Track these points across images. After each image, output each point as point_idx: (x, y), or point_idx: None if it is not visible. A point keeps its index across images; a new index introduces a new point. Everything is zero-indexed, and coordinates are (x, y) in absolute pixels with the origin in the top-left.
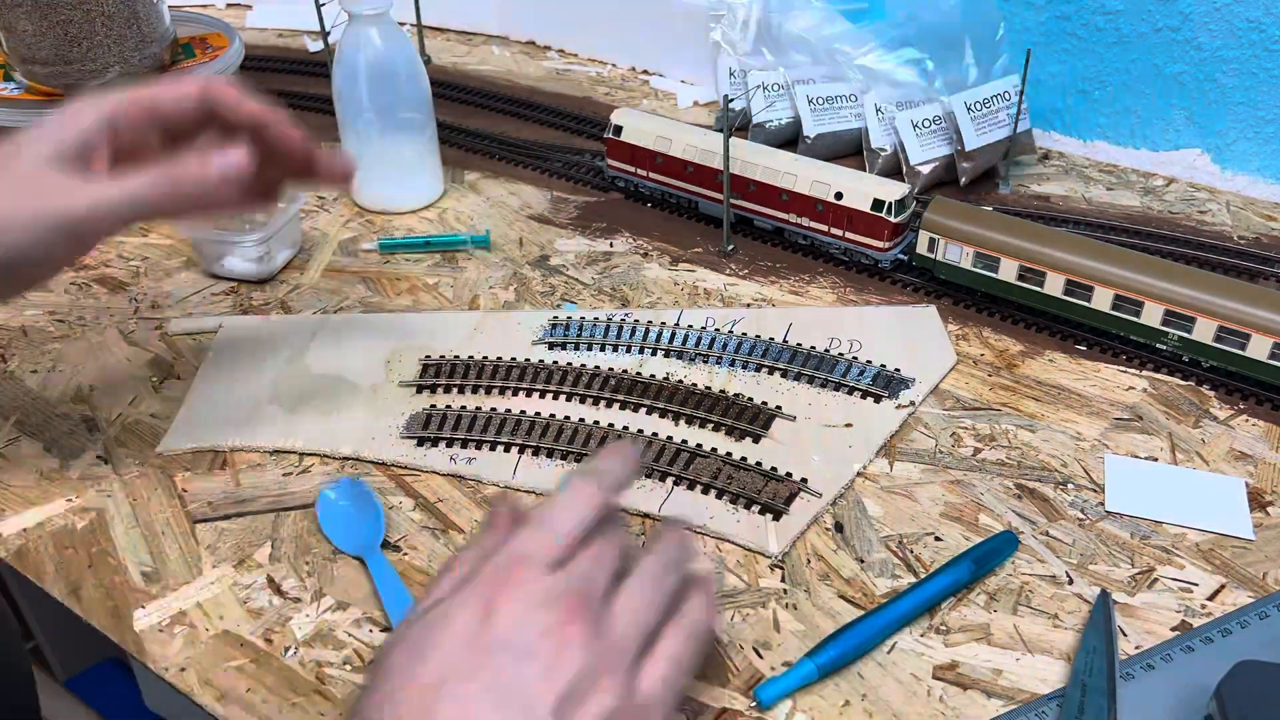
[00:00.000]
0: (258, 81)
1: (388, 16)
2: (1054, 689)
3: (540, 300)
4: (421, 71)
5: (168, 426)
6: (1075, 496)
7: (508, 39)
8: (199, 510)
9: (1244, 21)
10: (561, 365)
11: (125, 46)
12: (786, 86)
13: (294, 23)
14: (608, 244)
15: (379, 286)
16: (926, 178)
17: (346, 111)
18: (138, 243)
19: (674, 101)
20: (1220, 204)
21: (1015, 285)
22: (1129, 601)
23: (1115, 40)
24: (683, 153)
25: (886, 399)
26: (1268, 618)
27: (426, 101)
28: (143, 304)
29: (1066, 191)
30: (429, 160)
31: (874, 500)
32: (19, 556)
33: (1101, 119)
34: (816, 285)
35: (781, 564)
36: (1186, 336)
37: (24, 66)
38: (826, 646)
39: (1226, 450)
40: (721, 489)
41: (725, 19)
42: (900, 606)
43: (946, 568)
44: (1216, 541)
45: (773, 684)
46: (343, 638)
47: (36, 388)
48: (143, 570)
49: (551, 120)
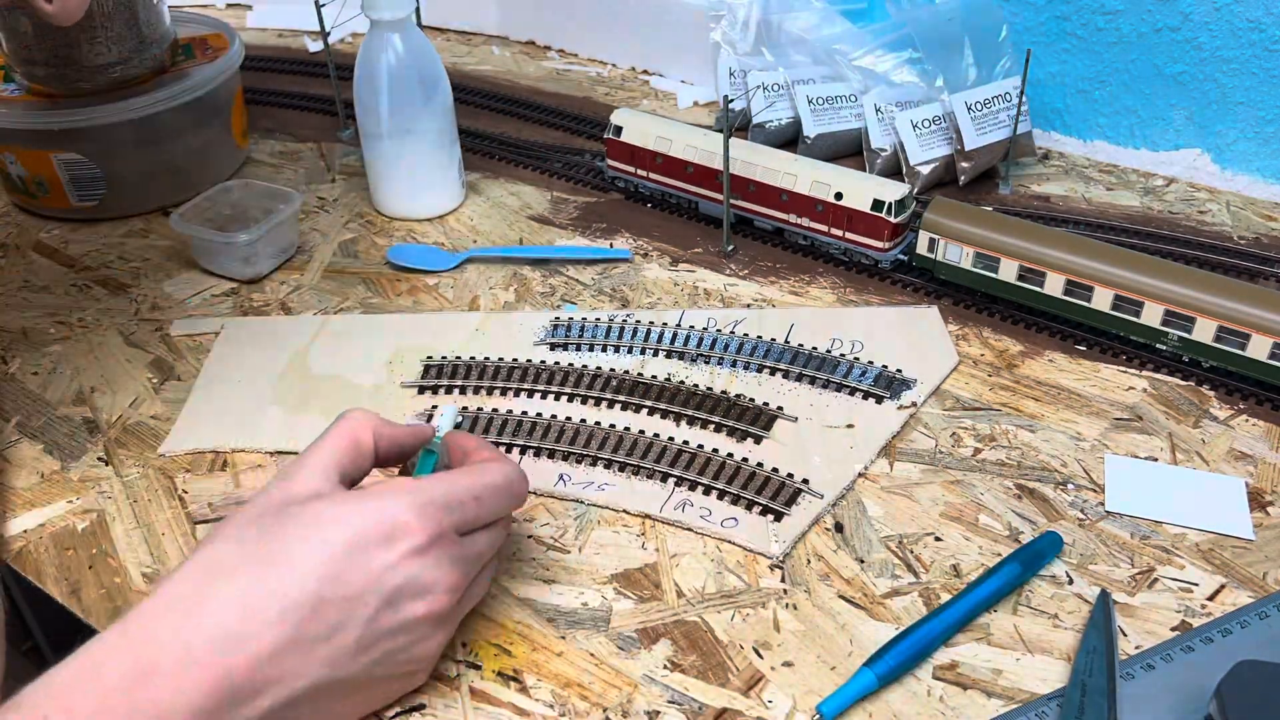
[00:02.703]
0: (258, 81)
1: (410, 21)
2: (1054, 689)
3: (541, 301)
4: (443, 77)
5: (168, 428)
6: (1075, 496)
7: (508, 39)
8: (200, 511)
9: (1244, 21)
10: (563, 366)
11: (125, 47)
12: (786, 86)
13: (294, 23)
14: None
15: (379, 287)
16: (926, 178)
17: (367, 118)
18: (138, 244)
19: (674, 101)
20: (1220, 204)
21: (1015, 285)
22: (1129, 601)
23: (1115, 40)
24: (683, 153)
25: (888, 400)
26: (1268, 618)
27: (449, 109)
28: (143, 305)
29: (1066, 191)
30: (451, 168)
31: (874, 500)
32: (19, 558)
33: (1101, 119)
34: (817, 285)
35: (781, 564)
36: (1186, 336)
37: (24, 68)
38: (885, 655)
39: (1226, 450)
40: (723, 490)
41: (725, 19)
42: (955, 612)
43: (995, 571)
44: (1216, 541)
45: (834, 697)
46: None
47: (37, 389)
48: (143, 571)
49: (551, 120)
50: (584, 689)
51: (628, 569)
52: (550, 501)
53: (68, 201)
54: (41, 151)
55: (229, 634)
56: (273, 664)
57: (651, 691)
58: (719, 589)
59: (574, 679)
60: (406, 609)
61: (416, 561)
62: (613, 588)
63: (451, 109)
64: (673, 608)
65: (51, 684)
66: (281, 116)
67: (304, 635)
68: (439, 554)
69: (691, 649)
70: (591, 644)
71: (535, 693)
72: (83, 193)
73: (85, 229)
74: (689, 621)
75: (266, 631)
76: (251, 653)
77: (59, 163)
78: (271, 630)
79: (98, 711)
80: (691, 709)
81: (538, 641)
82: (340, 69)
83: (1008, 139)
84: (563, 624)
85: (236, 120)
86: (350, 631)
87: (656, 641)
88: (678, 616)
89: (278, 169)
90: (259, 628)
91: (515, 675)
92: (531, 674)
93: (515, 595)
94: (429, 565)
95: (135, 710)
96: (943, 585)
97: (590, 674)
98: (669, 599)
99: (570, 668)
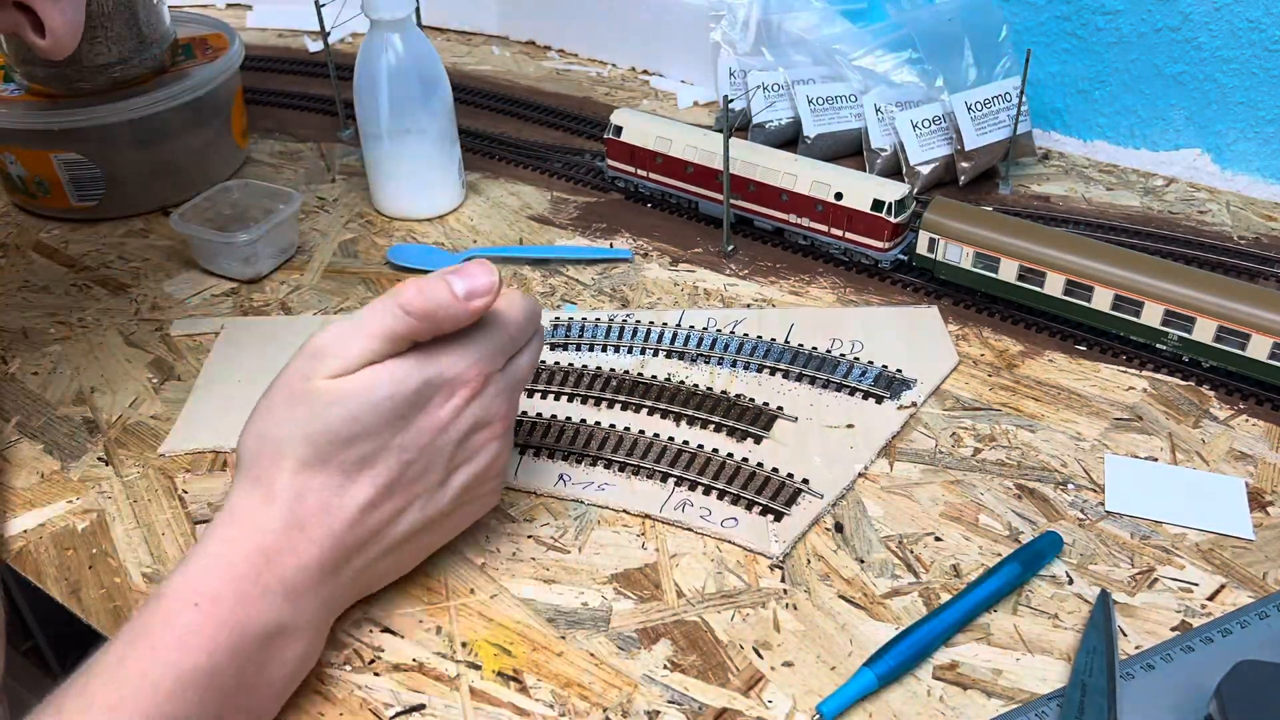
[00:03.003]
0: (258, 81)
1: (410, 21)
2: (1054, 689)
3: (541, 301)
4: (443, 77)
5: (168, 428)
6: (1075, 496)
7: (508, 39)
8: (199, 511)
9: (1244, 21)
10: (563, 366)
11: (125, 47)
12: (786, 86)
13: (294, 23)
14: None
15: (380, 287)
16: (926, 178)
17: (367, 118)
18: (139, 244)
19: (674, 101)
20: (1220, 204)
21: (1015, 285)
22: (1129, 601)
23: (1115, 40)
24: (683, 153)
25: (888, 400)
26: (1268, 618)
27: (449, 109)
28: (143, 305)
29: (1066, 191)
30: (451, 168)
31: (874, 500)
32: (19, 558)
33: (1101, 119)
34: (817, 285)
35: (781, 564)
36: (1186, 336)
37: (24, 68)
38: (885, 655)
39: (1226, 450)
40: (723, 490)
41: (725, 19)
42: (955, 612)
43: (995, 571)
44: (1216, 541)
45: (834, 697)
46: (343, 638)
47: (37, 389)
48: (143, 571)
49: (551, 120)
50: (584, 689)
51: (628, 569)
52: (550, 501)
53: (68, 201)
54: (41, 151)
55: (328, 506)
56: (372, 518)
57: (651, 691)
58: (719, 589)
59: (574, 679)
60: (474, 441)
61: (476, 404)
62: (613, 588)
63: (451, 109)
64: (673, 608)
65: (189, 574)
66: (281, 116)
67: (395, 488)
68: (492, 391)
69: (691, 649)
70: (591, 644)
71: (535, 693)
72: (83, 193)
73: (85, 229)
74: (689, 621)
75: (364, 492)
76: (351, 515)
77: (59, 163)
78: (366, 490)
79: (235, 595)
80: (691, 709)
81: (538, 641)
82: (340, 69)
83: (1008, 139)
84: (563, 624)
85: (236, 120)
86: (434, 474)
87: (656, 641)
88: (678, 616)
89: (278, 169)
90: (354, 492)
91: (515, 675)
92: (531, 674)
93: (515, 595)
94: (485, 402)
95: (267, 590)
96: (943, 585)
97: (590, 674)
98: (669, 599)
99: (570, 668)
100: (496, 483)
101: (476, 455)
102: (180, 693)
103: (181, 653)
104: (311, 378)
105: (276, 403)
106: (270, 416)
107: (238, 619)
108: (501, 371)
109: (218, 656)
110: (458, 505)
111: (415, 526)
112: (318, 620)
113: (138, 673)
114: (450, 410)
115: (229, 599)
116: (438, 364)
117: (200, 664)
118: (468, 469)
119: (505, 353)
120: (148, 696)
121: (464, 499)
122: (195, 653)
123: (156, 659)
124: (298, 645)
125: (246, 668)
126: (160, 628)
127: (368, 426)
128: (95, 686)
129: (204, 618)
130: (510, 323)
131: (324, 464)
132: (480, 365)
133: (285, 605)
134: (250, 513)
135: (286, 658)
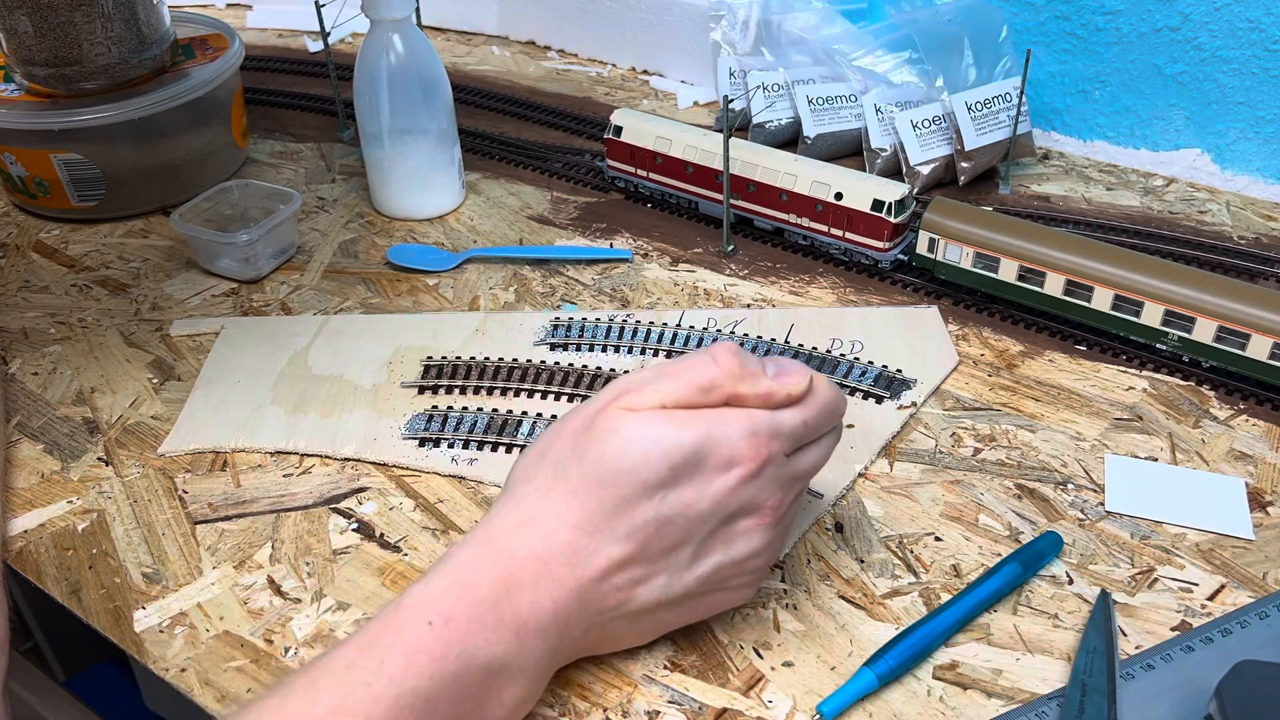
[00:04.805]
0: (258, 81)
1: (410, 21)
2: (1054, 689)
3: (540, 301)
4: (443, 77)
5: (168, 428)
6: (1075, 496)
7: (508, 39)
8: (199, 511)
9: (1244, 21)
10: (563, 366)
11: (125, 48)
12: (786, 86)
13: (294, 23)
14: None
15: (379, 287)
16: (926, 178)
17: (367, 118)
18: (138, 244)
19: (674, 101)
20: (1220, 204)
21: (1015, 285)
22: (1129, 601)
23: (1115, 40)
24: (683, 153)
25: (888, 400)
26: (1268, 618)
27: (449, 109)
28: (143, 306)
29: (1066, 191)
30: (451, 168)
31: (874, 500)
32: (19, 558)
33: (1101, 119)
34: (817, 285)
35: (781, 564)
36: (1186, 336)
37: (24, 68)
38: (885, 655)
39: (1226, 450)
40: None
41: (725, 19)
42: (955, 612)
43: (995, 571)
44: (1216, 541)
45: (834, 697)
46: (343, 638)
47: (37, 389)
48: (143, 571)
49: (551, 120)
50: (584, 689)
51: None
52: None
53: (68, 201)
54: (41, 151)
55: (578, 549)
56: (617, 578)
57: (651, 691)
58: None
59: (574, 679)
60: (737, 526)
61: (752, 484)
62: None
63: (451, 109)
64: None
65: (430, 589)
66: (281, 116)
67: (647, 552)
68: (769, 475)
69: (691, 649)
70: None
71: None
72: (83, 193)
73: (85, 229)
74: None
75: (615, 547)
76: (600, 568)
77: (59, 163)
78: (619, 546)
79: (470, 620)
80: (691, 709)
81: None
82: (340, 69)
83: (1008, 139)
84: None
85: (236, 120)
86: (686, 549)
87: (656, 641)
88: None
89: (278, 169)
90: (607, 543)
91: None
92: None
93: None
94: (760, 487)
95: (500, 622)
96: (943, 585)
97: (590, 674)
98: None
99: (570, 668)
100: (753, 577)
101: (735, 541)
102: (396, 713)
103: (406, 670)
104: (606, 406)
105: (568, 424)
106: (557, 435)
107: (466, 645)
108: (787, 458)
109: (439, 681)
110: (706, 590)
111: (657, 599)
112: (540, 666)
113: (362, 682)
114: (721, 484)
115: (462, 622)
116: (724, 428)
117: (420, 688)
118: (723, 553)
119: (795, 440)
120: (366, 710)
121: (713, 584)
122: (419, 673)
123: (382, 672)
124: (517, 688)
125: (464, 700)
126: (391, 639)
127: (636, 461)
128: (323, 685)
129: (434, 638)
130: (810, 409)
131: (585, 496)
132: (767, 445)
133: (514, 642)
134: (504, 535)
135: (505, 698)
